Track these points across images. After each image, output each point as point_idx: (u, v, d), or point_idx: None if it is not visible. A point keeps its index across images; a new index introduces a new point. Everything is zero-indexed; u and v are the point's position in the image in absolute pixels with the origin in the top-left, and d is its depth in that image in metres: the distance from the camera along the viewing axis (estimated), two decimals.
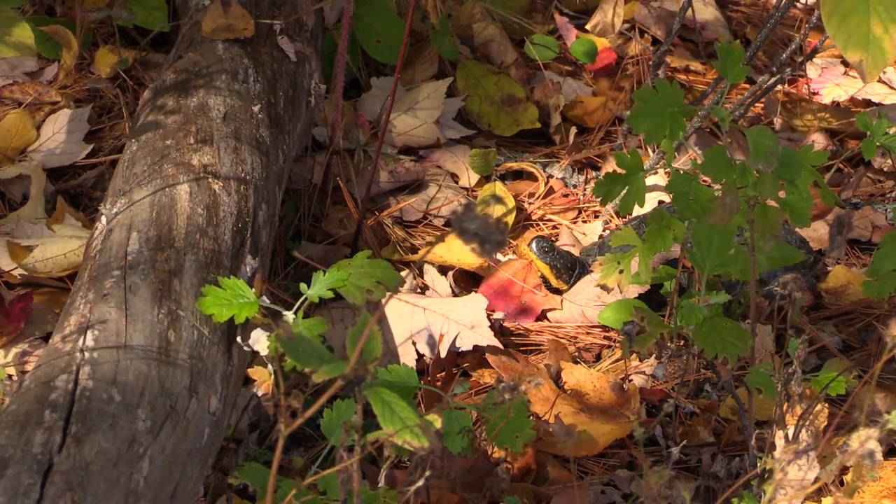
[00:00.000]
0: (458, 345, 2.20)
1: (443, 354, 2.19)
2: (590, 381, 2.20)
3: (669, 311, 2.23)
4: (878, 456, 1.29)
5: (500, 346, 2.22)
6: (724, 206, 1.65)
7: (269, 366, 1.96)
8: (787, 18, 3.22)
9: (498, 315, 2.35)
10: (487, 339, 2.21)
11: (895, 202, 2.80)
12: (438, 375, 2.20)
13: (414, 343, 2.19)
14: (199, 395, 1.71)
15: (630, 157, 1.98)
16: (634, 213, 2.37)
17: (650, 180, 2.48)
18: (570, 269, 2.43)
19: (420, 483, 1.35)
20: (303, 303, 1.87)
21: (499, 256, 2.46)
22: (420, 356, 2.19)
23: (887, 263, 1.92)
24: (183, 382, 1.69)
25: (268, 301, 1.87)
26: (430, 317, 2.23)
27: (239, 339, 1.84)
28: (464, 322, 2.23)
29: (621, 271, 2.19)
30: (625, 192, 1.97)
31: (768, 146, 1.64)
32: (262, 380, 2.03)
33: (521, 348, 2.31)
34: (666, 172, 2.72)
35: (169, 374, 1.68)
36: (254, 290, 1.86)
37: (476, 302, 2.27)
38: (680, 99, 1.81)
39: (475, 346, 2.21)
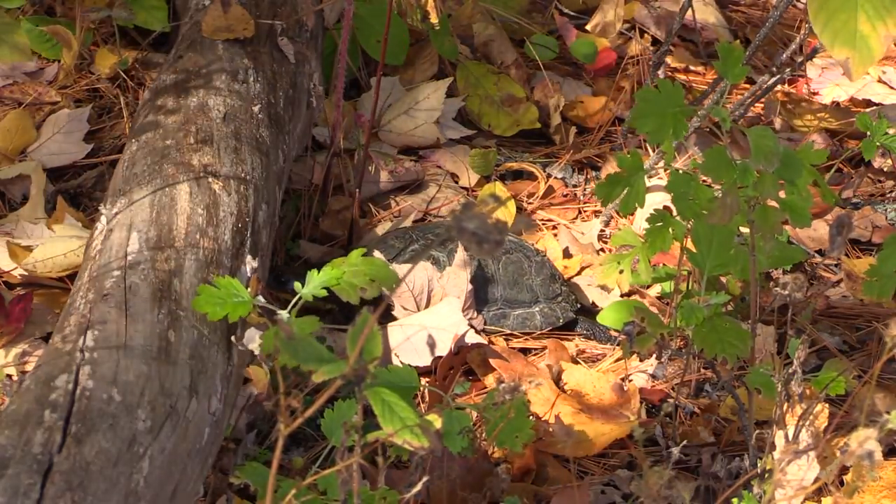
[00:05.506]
0: (443, 350, 2.18)
1: (428, 363, 2.16)
2: (590, 381, 2.20)
3: (669, 310, 2.23)
4: (878, 456, 1.28)
5: (485, 342, 2.22)
6: (724, 206, 1.65)
7: (265, 365, 1.96)
8: (787, 18, 3.22)
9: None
10: (471, 338, 2.20)
11: (895, 202, 2.80)
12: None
13: (397, 355, 2.17)
14: (199, 395, 1.71)
15: (631, 158, 1.97)
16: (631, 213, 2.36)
17: (651, 181, 2.47)
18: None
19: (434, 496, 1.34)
20: (297, 301, 1.87)
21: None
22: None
23: (889, 265, 1.92)
24: (183, 382, 1.69)
25: (263, 300, 1.86)
26: (408, 331, 2.21)
27: (233, 338, 1.83)
28: (443, 327, 2.21)
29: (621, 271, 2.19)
30: (625, 192, 1.97)
31: (769, 146, 1.63)
32: (259, 379, 2.03)
33: (521, 349, 2.31)
34: (667, 173, 2.72)
35: (169, 374, 1.68)
36: (249, 289, 1.86)
37: (450, 305, 2.26)
38: (681, 98, 1.80)
39: (473, 347, 2.21)
